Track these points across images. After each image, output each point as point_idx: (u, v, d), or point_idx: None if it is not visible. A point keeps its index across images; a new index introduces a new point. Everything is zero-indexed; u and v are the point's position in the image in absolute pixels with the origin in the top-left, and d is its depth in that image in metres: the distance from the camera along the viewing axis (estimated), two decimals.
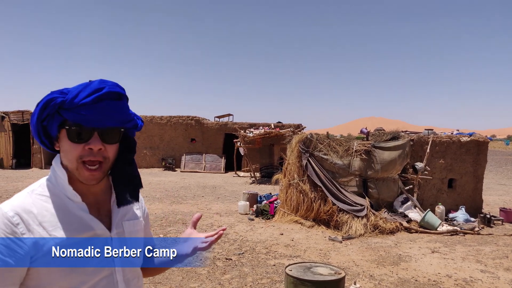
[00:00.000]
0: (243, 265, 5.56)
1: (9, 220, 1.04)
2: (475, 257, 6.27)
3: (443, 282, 5.13)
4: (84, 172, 1.11)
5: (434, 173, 9.22)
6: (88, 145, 1.10)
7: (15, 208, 1.06)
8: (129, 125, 1.18)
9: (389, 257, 6.12)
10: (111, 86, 1.12)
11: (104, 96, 1.09)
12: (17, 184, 13.67)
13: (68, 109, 1.09)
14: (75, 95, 1.08)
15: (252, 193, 10.00)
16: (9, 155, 20.46)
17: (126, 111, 1.17)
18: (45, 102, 1.11)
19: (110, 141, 1.13)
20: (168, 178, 17.08)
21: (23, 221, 1.06)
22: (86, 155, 1.10)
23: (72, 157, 1.11)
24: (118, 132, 1.15)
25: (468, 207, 9.13)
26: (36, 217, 1.08)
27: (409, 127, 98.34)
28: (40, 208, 1.10)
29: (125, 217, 1.25)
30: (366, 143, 8.74)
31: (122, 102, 1.15)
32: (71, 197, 1.14)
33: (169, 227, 7.72)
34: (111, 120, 1.11)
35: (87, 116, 1.08)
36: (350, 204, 7.95)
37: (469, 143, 9.39)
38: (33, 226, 1.06)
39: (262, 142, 18.50)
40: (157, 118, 21.83)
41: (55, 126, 1.12)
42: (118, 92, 1.13)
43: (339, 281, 3.40)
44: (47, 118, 1.12)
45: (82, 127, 1.09)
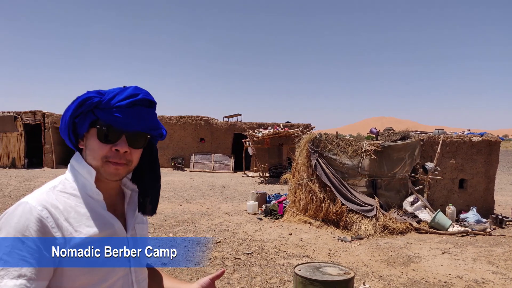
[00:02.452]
0: (252, 264, 5.57)
1: (40, 215, 1.04)
2: (487, 258, 6.20)
3: (453, 283, 5.08)
4: (110, 167, 1.14)
5: (444, 173, 9.13)
6: (115, 146, 1.14)
7: (43, 203, 1.07)
8: (155, 133, 1.23)
9: (398, 258, 6.09)
10: (145, 93, 1.17)
11: (138, 101, 1.15)
12: (29, 184, 13.85)
13: (103, 109, 1.13)
14: (112, 97, 1.13)
15: (261, 193, 10.01)
16: (21, 154, 20.75)
17: (155, 119, 1.22)
18: (82, 99, 1.14)
19: (136, 146, 1.17)
20: (177, 178, 17.17)
21: (52, 215, 1.06)
22: (111, 156, 1.14)
23: (98, 156, 1.14)
24: (145, 138, 1.19)
25: (480, 208, 9.03)
26: (62, 212, 1.09)
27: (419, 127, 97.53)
28: (64, 204, 1.11)
29: (136, 220, 1.28)
30: (375, 143, 8.69)
31: (152, 110, 1.21)
32: (92, 195, 1.16)
33: (178, 227, 7.76)
34: (140, 125, 1.16)
35: (119, 118, 1.12)
36: (360, 204, 7.92)
37: (481, 143, 9.29)
38: (61, 221, 1.07)
39: (271, 142, 18.49)
40: (166, 118, 21.95)
41: (86, 124, 1.16)
42: (150, 100, 1.18)
43: (348, 281, 3.39)
44: (81, 115, 1.16)
45: (112, 128, 1.13)
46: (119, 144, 1.14)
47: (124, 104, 1.12)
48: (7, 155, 20.76)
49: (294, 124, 20.44)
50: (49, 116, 21.00)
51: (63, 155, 21.35)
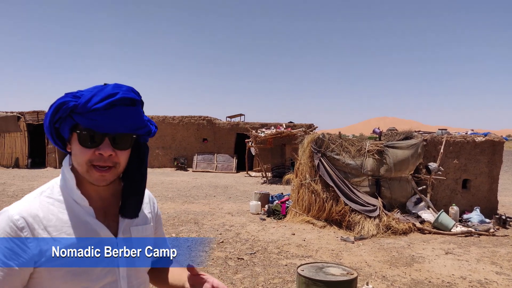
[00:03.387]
0: (255, 264, 5.56)
1: (15, 224, 1.04)
2: (490, 258, 6.17)
3: (457, 283, 5.06)
4: (94, 173, 1.10)
5: (448, 174, 9.10)
6: (99, 150, 1.08)
7: (21, 212, 1.06)
8: (142, 131, 1.16)
9: (402, 258, 6.07)
10: (125, 91, 1.09)
11: (117, 101, 1.07)
12: (32, 183, 13.90)
13: (80, 114, 1.07)
14: (88, 99, 1.06)
15: (264, 193, 10.00)
16: (25, 154, 20.83)
17: (140, 117, 1.14)
18: (57, 105, 1.09)
19: (121, 147, 1.11)
20: (180, 178, 17.19)
21: (28, 225, 1.05)
22: (96, 159, 1.09)
23: (82, 160, 1.10)
24: (130, 138, 1.13)
25: (483, 208, 8.99)
26: (42, 221, 1.07)
27: (422, 127, 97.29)
28: (46, 212, 1.09)
29: (133, 223, 1.22)
30: (378, 143, 8.67)
31: (136, 108, 1.12)
32: (78, 200, 1.13)
33: (181, 227, 7.77)
34: (123, 126, 1.09)
35: (99, 121, 1.06)
36: (362, 204, 7.90)
37: (484, 143, 9.25)
38: (38, 231, 1.06)
39: (274, 142, 18.49)
40: (169, 118, 21.98)
41: (66, 129, 1.11)
42: (131, 98, 1.10)
43: (351, 281, 3.38)
44: (59, 120, 1.11)
45: (93, 132, 1.07)
46: (102, 148, 1.08)
47: (101, 106, 1.05)
48: (11, 155, 20.84)
49: (296, 124, 20.44)
50: None
51: (66, 155, 21.38)
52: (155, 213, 1.37)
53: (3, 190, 12.14)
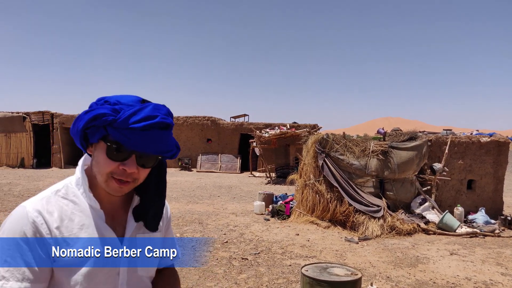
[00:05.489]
0: (259, 265, 5.57)
1: (34, 220, 1.06)
2: (496, 259, 6.14)
3: (462, 284, 5.04)
4: (113, 184, 1.11)
5: (452, 174, 9.07)
6: (123, 165, 1.09)
7: (39, 208, 1.08)
8: (168, 154, 1.17)
9: (406, 259, 6.05)
10: (163, 116, 1.10)
11: (155, 125, 1.07)
12: (38, 184, 13.97)
13: (116, 128, 1.06)
14: (127, 117, 1.06)
15: (268, 193, 10.01)
16: (30, 154, 20.96)
17: (171, 142, 1.15)
18: (95, 115, 1.08)
19: (145, 166, 1.13)
20: (184, 178, 17.22)
21: (46, 222, 1.08)
22: (118, 173, 1.10)
23: (103, 171, 1.11)
24: (155, 159, 1.15)
25: (488, 209, 8.95)
26: (56, 220, 1.10)
27: (427, 127, 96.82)
28: (60, 211, 1.11)
29: (141, 230, 1.24)
30: (383, 144, 8.65)
31: (168, 132, 1.13)
32: (90, 203, 1.15)
33: (185, 227, 7.79)
34: (152, 148, 1.10)
35: (132, 140, 1.06)
36: (367, 205, 7.88)
37: (489, 143, 9.21)
38: (52, 229, 1.08)
39: (278, 142, 18.48)
40: (173, 118, 22.02)
41: (96, 136, 1.11)
42: (168, 123, 1.11)
43: (355, 282, 3.38)
44: (92, 128, 1.10)
45: (122, 147, 1.08)
46: (128, 164, 1.09)
47: (139, 126, 1.05)
48: (16, 155, 20.97)
49: (301, 124, 20.41)
50: (58, 116, 21.19)
51: (71, 155, 21.53)
52: (167, 218, 1.39)
53: (9, 190, 12.21)
